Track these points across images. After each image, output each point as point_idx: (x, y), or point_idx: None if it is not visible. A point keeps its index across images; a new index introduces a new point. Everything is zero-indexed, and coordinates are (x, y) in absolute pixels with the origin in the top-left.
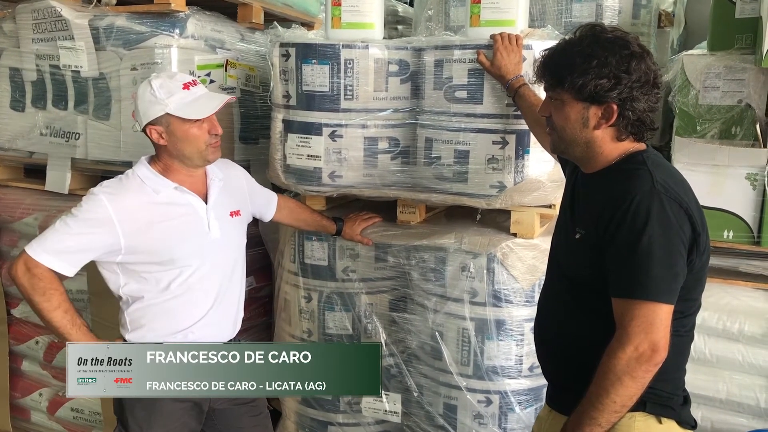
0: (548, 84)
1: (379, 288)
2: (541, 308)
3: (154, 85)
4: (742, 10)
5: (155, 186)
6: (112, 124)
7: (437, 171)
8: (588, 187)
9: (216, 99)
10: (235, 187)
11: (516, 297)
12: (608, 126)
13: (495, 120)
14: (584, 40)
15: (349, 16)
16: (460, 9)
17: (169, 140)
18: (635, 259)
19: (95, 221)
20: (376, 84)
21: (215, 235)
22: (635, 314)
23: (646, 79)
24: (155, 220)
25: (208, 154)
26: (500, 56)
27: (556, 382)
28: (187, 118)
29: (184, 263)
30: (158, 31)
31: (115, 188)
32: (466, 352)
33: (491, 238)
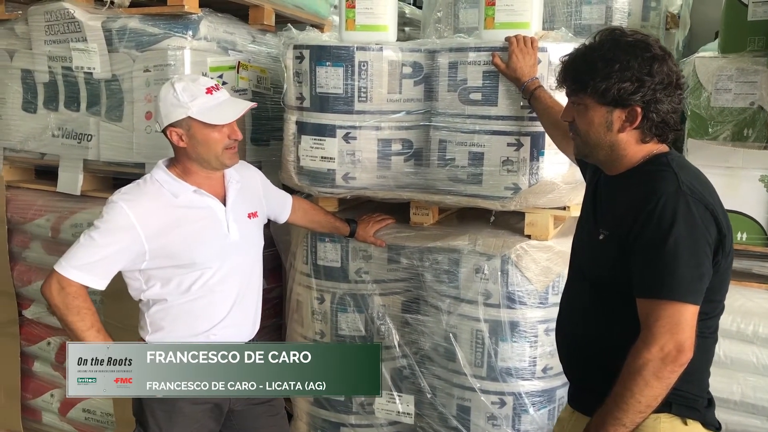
0: (570, 89)
1: (392, 289)
2: (562, 309)
3: (178, 88)
4: (755, 13)
5: (174, 190)
6: (124, 126)
7: (451, 173)
8: (611, 189)
9: (239, 105)
10: (251, 189)
11: (530, 299)
12: (632, 129)
13: (510, 122)
14: (605, 44)
15: (363, 18)
16: (469, 11)
17: (189, 143)
18: (661, 259)
19: (118, 229)
20: (389, 86)
21: (234, 237)
22: (660, 314)
23: (668, 81)
24: (175, 223)
25: (225, 159)
26: (516, 59)
27: (579, 383)
28: (209, 122)
29: (205, 266)
30: (171, 32)
31: (134, 194)
32: (480, 353)
33: (505, 239)
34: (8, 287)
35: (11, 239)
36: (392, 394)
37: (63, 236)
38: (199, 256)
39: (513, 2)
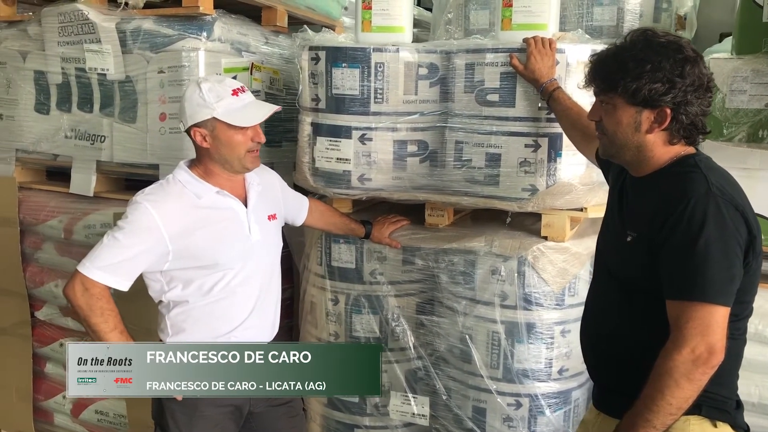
0: (599, 88)
1: (407, 291)
2: (588, 310)
3: (204, 88)
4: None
5: (197, 190)
6: (138, 127)
7: (468, 174)
8: (638, 191)
9: (264, 108)
10: (271, 192)
11: (546, 300)
12: (660, 130)
13: (527, 123)
14: (637, 44)
15: (379, 19)
16: (480, 12)
17: (213, 144)
18: (692, 261)
19: (143, 230)
20: (405, 87)
21: (256, 238)
22: (691, 316)
23: (699, 83)
24: (198, 224)
25: (247, 162)
26: (534, 60)
27: (606, 385)
28: (234, 124)
29: (228, 267)
30: (186, 34)
31: (157, 194)
32: (496, 355)
33: (522, 241)
34: (20, 288)
35: (23, 240)
36: (407, 395)
37: (76, 237)
38: (221, 257)
39: (530, 3)
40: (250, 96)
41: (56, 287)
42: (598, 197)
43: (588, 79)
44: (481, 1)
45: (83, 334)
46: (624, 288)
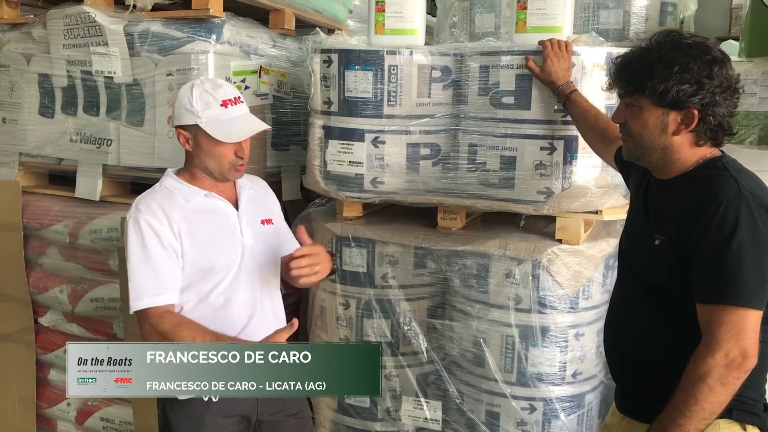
0: (625, 90)
1: (419, 294)
2: (613, 313)
3: (195, 93)
4: None
5: (185, 195)
6: (146, 131)
7: (482, 177)
8: (665, 193)
9: (251, 125)
10: (265, 202)
11: (561, 303)
12: (687, 131)
13: (543, 126)
14: (664, 46)
15: (393, 22)
16: (486, 16)
17: (194, 149)
18: (724, 265)
19: (152, 238)
20: (419, 90)
21: (248, 241)
22: (724, 320)
23: (727, 85)
24: (191, 228)
25: (228, 174)
26: (551, 62)
27: (632, 388)
28: (215, 137)
29: (223, 271)
30: (195, 36)
31: (147, 204)
32: (510, 359)
33: (536, 244)
34: (24, 294)
35: (27, 245)
36: (419, 400)
37: (82, 242)
38: (216, 261)
39: (545, 6)
40: (241, 109)
41: (61, 293)
42: (613, 200)
43: (613, 80)
44: (486, 5)
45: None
46: (651, 291)
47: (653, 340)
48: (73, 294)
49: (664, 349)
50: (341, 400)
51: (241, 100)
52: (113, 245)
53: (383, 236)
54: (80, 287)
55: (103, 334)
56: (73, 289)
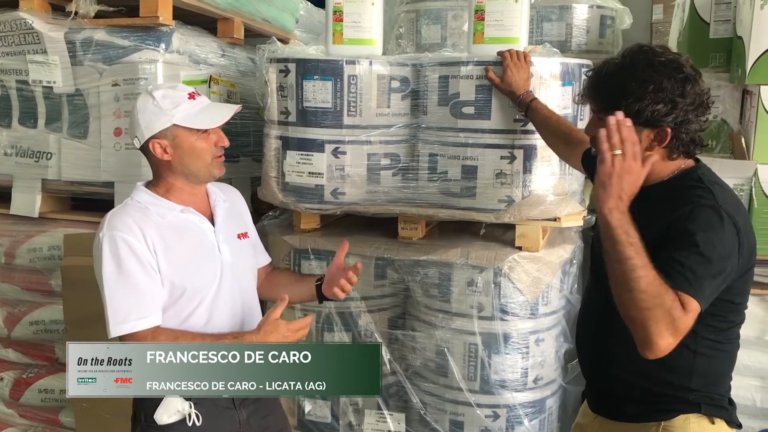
0: (599, 107)
1: (380, 306)
2: (586, 317)
3: (157, 96)
4: (716, 31)
5: (159, 211)
6: (90, 143)
7: (444, 186)
8: (641, 202)
9: (225, 109)
10: (238, 212)
11: (521, 310)
12: (660, 147)
13: (503, 135)
14: (637, 64)
15: (351, 32)
16: (432, 27)
17: (174, 154)
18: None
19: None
20: (378, 100)
21: (226, 258)
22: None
23: (699, 102)
24: (167, 246)
25: (214, 169)
26: (510, 73)
27: (606, 389)
28: (196, 128)
29: (201, 292)
30: (142, 45)
31: (121, 220)
32: (473, 367)
33: (497, 252)
34: None
35: None
36: (382, 412)
37: (19, 262)
38: (195, 281)
39: (502, 18)
40: (206, 99)
41: None
42: (570, 207)
43: (586, 96)
44: (432, 16)
45: (26, 367)
46: None
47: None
48: (9, 317)
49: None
50: (301, 416)
51: (200, 94)
52: (55, 264)
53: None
54: (17, 310)
55: (43, 359)
56: (9, 312)
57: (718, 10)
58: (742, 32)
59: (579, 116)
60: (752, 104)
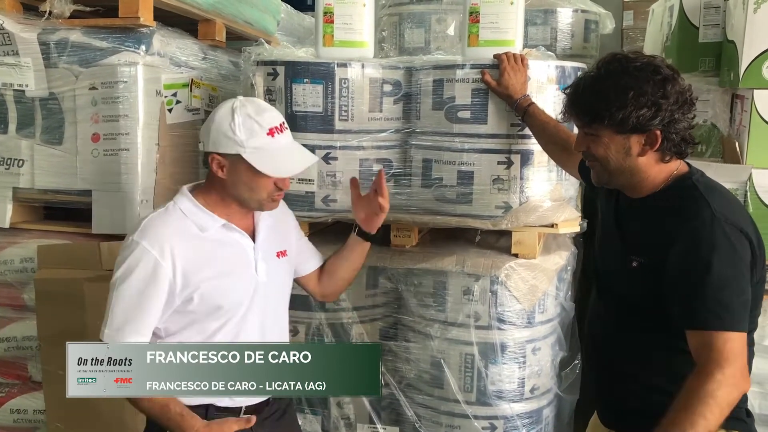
0: (582, 122)
1: (372, 316)
2: (595, 333)
3: (237, 120)
4: (705, 35)
5: (201, 222)
6: (65, 149)
7: (438, 192)
8: (637, 213)
9: (300, 156)
10: (282, 226)
11: (518, 319)
12: (653, 151)
13: (500, 140)
14: (612, 72)
15: (342, 33)
16: (416, 31)
17: (230, 179)
18: (706, 291)
19: (147, 274)
20: (371, 104)
21: (262, 278)
22: (714, 346)
23: (683, 100)
24: (203, 261)
25: (265, 206)
26: (508, 76)
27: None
28: (261, 171)
29: (232, 311)
30: (121, 47)
31: (155, 229)
32: (469, 378)
33: (493, 259)
34: None
35: None
36: (375, 427)
37: None
38: (226, 300)
39: (498, 20)
40: (287, 136)
41: None
42: (567, 213)
43: (567, 112)
44: (416, 20)
45: None
46: (633, 310)
47: (640, 357)
48: None
49: (651, 365)
50: None
51: (285, 127)
52: (28, 277)
53: None
54: None
55: (15, 377)
56: None
57: (707, 15)
58: (733, 36)
59: None
60: (744, 108)
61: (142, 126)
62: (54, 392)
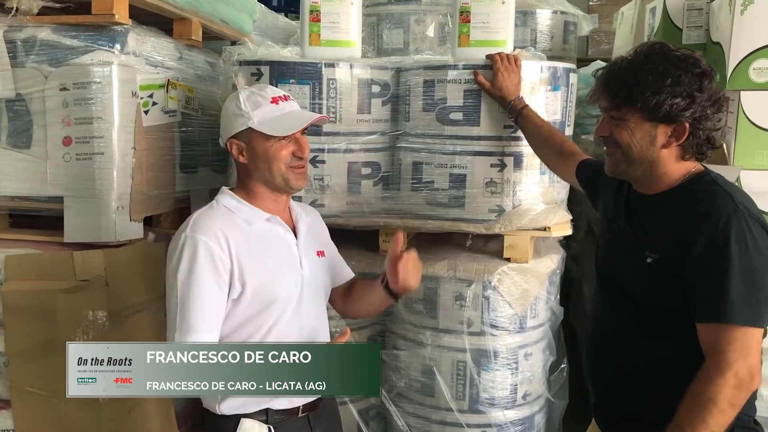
0: (613, 103)
1: (359, 324)
2: (601, 336)
3: (242, 97)
4: (689, 37)
5: (246, 216)
6: (34, 153)
7: (430, 196)
8: (653, 209)
9: (305, 116)
10: (319, 227)
11: (510, 324)
12: (677, 145)
13: (493, 142)
14: (653, 58)
15: (329, 33)
16: (394, 31)
17: (250, 158)
18: (726, 284)
19: (209, 265)
20: (359, 105)
21: (306, 274)
22: (731, 339)
23: (716, 98)
24: (254, 254)
25: (291, 178)
26: (502, 77)
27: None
28: (269, 134)
29: (284, 304)
30: (95, 46)
31: (206, 224)
32: (461, 385)
33: (485, 264)
34: None
35: None
36: None
37: None
38: (278, 293)
39: (489, 20)
40: (293, 105)
41: None
42: (559, 216)
43: (599, 93)
44: (394, 20)
45: None
46: (645, 309)
47: (652, 360)
48: None
49: (664, 367)
50: None
51: (290, 98)
52: None
53: None
54: None
55: None
56: None
57: (690, 17)
58: (719, 38)
59: (566, 122)
60: (730, 110)
61: (118, 129)
62: (23, 411)
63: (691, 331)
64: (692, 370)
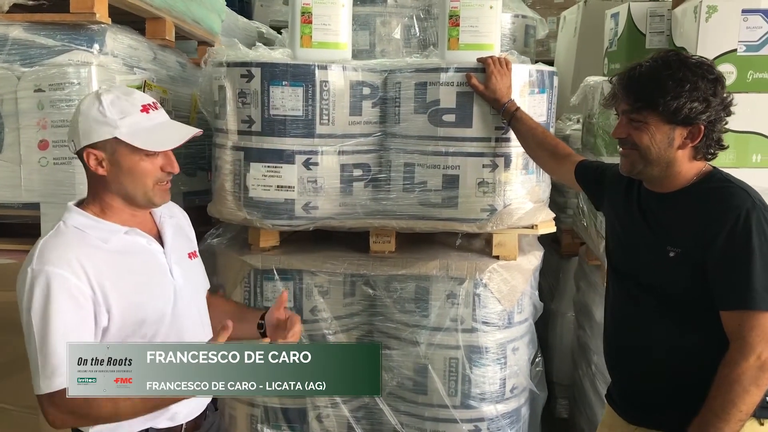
0: (633, 107)
1: (349, 325)
2: (620, 333)
3: (105, 101)
4: (651, 41)
5: (100, 234)
6: (7, 158)
7: (422, 197)
8: (668, 206)
9: (180, 130)
10: (187, 228)
11: (499, 320)
12: (691, 146)
13: (485, 143)
14: (672, 64)
15: (320, 34)
16: (360, 33)
17: (111, 171)
18: (748, 272)
19: (69, 296)
20: (351, 108)
21: (179, 282)
22: (754, 324)
23: (726, 103)
24: (115, 275)
25: (155, 196)
26: (495, 80)
27: (651, 401)
28: (141, 147)
29: (157, 322)
30: (72, 45)
31: (58, 253)
32: (453, 381)
33: (476, 262)
34: None
35: None
36: None
37: None
38: (148, 311)
39: (478, 24)
40: (163, 114)
41: None
42: (544, 214)
43: (620, 96)
44: (360, 22)
45: None
46: (668, 303)
47: (676, 351)
48: None
49: (689, 357)
50: None
51: (159, 106)
52: None
53: (313, 265)
54: None
55: None
56: None
57: (653, 23)
58: (683, 43)
59: (550, 123)
60: None
61: None
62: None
63: (710, 320)
64: (711, 357)
